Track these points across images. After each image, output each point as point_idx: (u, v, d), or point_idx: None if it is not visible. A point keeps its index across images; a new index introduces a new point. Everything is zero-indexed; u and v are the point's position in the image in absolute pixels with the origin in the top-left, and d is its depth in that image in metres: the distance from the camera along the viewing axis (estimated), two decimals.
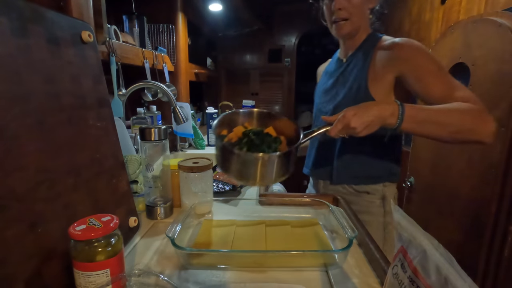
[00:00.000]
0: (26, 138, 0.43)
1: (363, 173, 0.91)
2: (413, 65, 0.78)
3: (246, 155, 0.55)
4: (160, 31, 1.76)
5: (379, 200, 0.92)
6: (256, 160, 0.54)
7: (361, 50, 0.92)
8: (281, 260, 0.57)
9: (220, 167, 0.60)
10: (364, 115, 0.66)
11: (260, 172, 0.55)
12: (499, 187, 1.01)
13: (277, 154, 0.55)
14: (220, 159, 0.59)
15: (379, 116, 0.67)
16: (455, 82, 0.76)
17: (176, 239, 0.55)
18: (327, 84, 1.00)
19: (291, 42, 3.13)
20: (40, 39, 0.47)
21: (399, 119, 0.68)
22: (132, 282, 0.44)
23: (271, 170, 0.56)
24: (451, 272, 0.27)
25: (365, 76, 0.86)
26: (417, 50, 0.79)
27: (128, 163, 0.76)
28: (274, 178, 0.57)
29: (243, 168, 0.56)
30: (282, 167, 0.57)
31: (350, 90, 0.89)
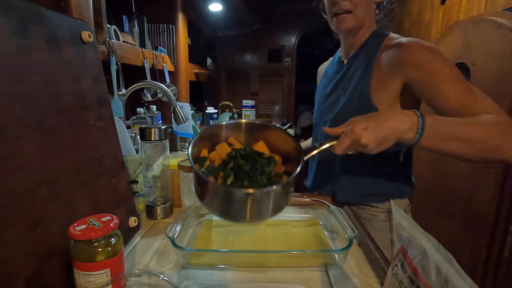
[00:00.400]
0: (26, 138, 0.43)
1: (369, 192, 0.82)
2: (425, 71, 0.67)
3: (232, 190, 0.42)
4: (160, 31, 1.76)
5: (384, 214, 0.81)
6: (247, 197, 0.41)
7: (363, 50, 0.82)
8: (281, 260, 0.57)
9: (199, 200, 0.46)
10: (377, 129, 0.54)
11: (251, 210, 0.43)
12: (499, 187, 1.01)
13: (273, 188, 0.42)
14: (198, 191, 0.45)
15: (395, 130, 0.55)
16: (475, 89, 0.66)
17: (176, 239, 0.55)
18: (326, 88, 0.91)
19: (291, 42, 3.13)
20: (40, 39, 0.47)
21: (418, 133, 0.56)
22: (132, 282, 0.44)
23: (266, 206, 0.43)
24: (451, 272, 0.27)
25: (367, 83, 0.77)
26: (429, 52, 0.68)
27: (128, 163, 0.76)
28: (270, 214, 0.44)
29: (229, 206, 0.43)
30: (280, 200, 0.44)
31: (351, 98, 0.80)
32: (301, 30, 3.08)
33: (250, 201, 0.42)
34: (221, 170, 0.46)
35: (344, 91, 0.83)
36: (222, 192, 0.43)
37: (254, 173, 0.45)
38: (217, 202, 0.44)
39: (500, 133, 0.59)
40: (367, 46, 0.82)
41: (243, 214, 0.43)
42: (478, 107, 0.63)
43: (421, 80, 0.68)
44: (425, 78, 0.68)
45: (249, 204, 0.42)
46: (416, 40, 0.72)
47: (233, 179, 0.45)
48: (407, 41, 0.72)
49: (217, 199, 0.44)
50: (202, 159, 0.48)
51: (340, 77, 0.87)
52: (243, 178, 0.45)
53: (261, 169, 0.46)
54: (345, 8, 0.77)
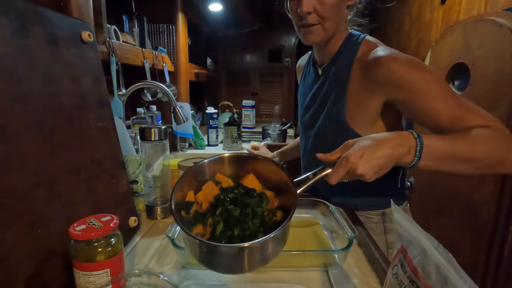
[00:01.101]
0: (26, 138, 0.43)
1: (361, 202, 0.80)
2: (408, 91, 0.62)
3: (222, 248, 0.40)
4: (160, 31, 1.76)
5: (378, 216, 0.79)
6: (241, 252, 0.39)
7: (338, 61, 0.75)
8: (281, 260, 0.57)
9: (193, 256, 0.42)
10: (373, 157, 0.50)
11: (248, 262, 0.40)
12: (499, 187, 1.01)
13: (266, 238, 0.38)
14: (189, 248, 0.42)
15: (392, 157, 0.52)
16: (466, 102, 0.61)
17: (176, 239, 0.55)
18: (306, 98, 0.87)
19: (291, 42, 3.13)
20: (40, 39, 0.47)
21: (416, 156, 0.53)
22: (132, 282, 0.44)
23: (263, 255, 0.41)
24: (451, 272, 0.27)
25: (343, 105, 0.72)
26: (410, 69, 0.62)
27: (128, 163, 0.76)
28: (269, 259, 0.42)
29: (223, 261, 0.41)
30: (277, 245, 0.42)
31: (329, 116, 0.76)
32: None
33: (246, 254, 0.39)
34: (209, 216, 0.44)
35: (322, 106, 0.79)
36: (213, 249, 0.39)
37: (244, 218, 0.43)
38: (210, 258, 0.41)
39: (499, 148, 0.56)
40: (341, 56, 0.75)
41: (240, 266, 0.41)
42: (471, 121, 0.59)
43: (405, 101, 0.64)
44: (409, 98, 0.63)
45: (246, 256, 0.40)
46: (394, 54, 0.64)
47: (223, 227, 0.42)
48: (385, 55, 0.64)
49: (208, 256, 0.40)
50: (188, 204, 0.45)
51: (317, 89, 0.82)
52: (233, 225, 0.42)
53: (252, 212, 0.44)
54: (311, 22, 0.70)
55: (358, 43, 0.73)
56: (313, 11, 0.68)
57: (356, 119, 0.71)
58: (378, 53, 0.66)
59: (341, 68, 0.74)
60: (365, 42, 0.73)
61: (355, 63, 0.71)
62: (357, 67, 0.71)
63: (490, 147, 0.55)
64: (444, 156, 0.55)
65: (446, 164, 0.56)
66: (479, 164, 0.56)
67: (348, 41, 0.75)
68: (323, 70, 0.80)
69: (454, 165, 0.56)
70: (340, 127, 0.73)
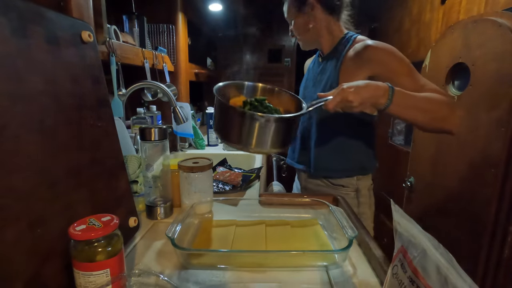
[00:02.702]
0: (26, 138, 0.43)
1: (337, 166, 1.00)
2: (386, 68, 0.85)
3: (248, 113, 0.54)
4: (160, 31, 1.76)
5: (354, 192, 1.01)
6: (257, 120, 0.54)
7: (335, 52, 1.00)
8: (281, 260, 0.57)
9: (216, 128, 0.62)
10: (361, 91, 0.72)
11: (258, 134, 0.55)
12: (499, 187, 1.01)
13: (277, 116, 0.55)
14: (218, 119, 0.60)
15: (373, 94, 0.73)
16: (423, 79, 0.86)
17: (176, 239, 0.55)
18: (308, 81, 1.10)
19: (291, 42, 3.13)
20: (40, 39, 0.47)
21: (389, 99, 0.74)
22: (132, 282, 0.44)
23: (269, 134, 0.55)
24: (451, 272, 0.27)
25: (336, 76, 0.94)
26: (390, 53, 0.86)
27: (128, 163, 0.76)
28: (269, 145, 0.57)
29: (241, 129, 0.55)
30: (280, 134, 0.57)
31: (324, 90, 0.96)
32: None
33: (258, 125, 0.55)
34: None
35: (319, 83, 1.02)
36: (239, 115, 0.54)
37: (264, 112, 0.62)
38: (234, 126, 0.55)
39: (445, 107, 0.79)
40: (337, 48, 1.00)
41: (251, 137, 0.55)
42: (428, 90, 0.82)
43: (383, 75, 0.85)
44: (386, 73, 0.85)
45: (257, 127, 0.54)
46: (379, 42, 0.89)
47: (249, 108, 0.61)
48: (372, 43, 0.88)
49: (234, 123, 0.55)
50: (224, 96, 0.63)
51: (318, 73, 1.06)
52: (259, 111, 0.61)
53: (269, 111, 0.64)
54: (295, 37, 1.06)
55: (352, 39, 0.97)
56: (292, 30, 1.05)
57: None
58: (368, 41, 0.90)
59: (338, 55, 0.98)
60: (358, 38, 0.96)
61: (349, 50, 0.94)
62: (350, 52, 0.93)
63: (439, 105, 0.79)
64: (408, 104, 0.77)
65: (409, 112, 0.78)
66: (431, 116, 0.79)
67: (343, 38, 1.00)
68: (323, 58, 1.05)
69: (415, 113, 0.78)
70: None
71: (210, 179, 0.79)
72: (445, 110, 0.80)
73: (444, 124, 0.82)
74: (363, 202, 1.01)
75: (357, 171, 1.00)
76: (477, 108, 1.10)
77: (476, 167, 1.10)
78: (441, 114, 0.80)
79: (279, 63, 3.19)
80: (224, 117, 0.57)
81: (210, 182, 0.79)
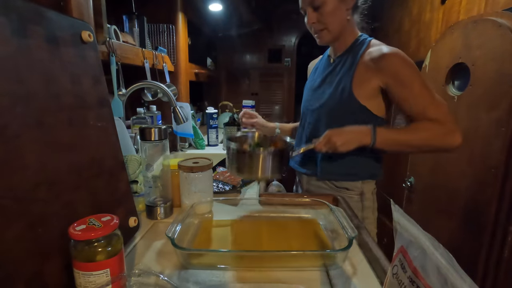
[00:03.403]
0: (26, 138, 0.43)
1: (345, 170, 0.96)
2: (398, 80, 0.84)
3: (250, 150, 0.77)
4: (160, 31, 1.76)
5: (358, 195, 0.97)
6: (258, 154, 0.74)
7: (348, 53, 0.95)
8: (282, 260, 0.57)
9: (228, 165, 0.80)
10: (343, 134, 0.82)
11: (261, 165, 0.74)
12: (499, 187, 1.01)
13: (273, 149, 0.76)
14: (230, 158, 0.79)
15: (356, 137, 0.83)
16: (433, 99, 0.83)
17: (176, 239, 0.55)
18: (315, 82, 1.05)
19: (291, 42, 3.13)
20: (40, 39, 0.47)
21: (372, 140, 0.82)
22: (132, 282, 0.44)
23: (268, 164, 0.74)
24: (451, 272, 0.27)
25: (350, 79, 0.90)
26: (404, 65, 0.83)
27: (128, 163, 0.76)
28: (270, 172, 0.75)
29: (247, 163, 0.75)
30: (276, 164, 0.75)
31: (335, 91, 0.93)
32: (301, 30, 3.07)
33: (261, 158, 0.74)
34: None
35: (330, 84, 0.97)
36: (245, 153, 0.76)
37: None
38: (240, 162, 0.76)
39: (437, 138, 0.82)
40: (351, 50, 0.95)
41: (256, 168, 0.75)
42: (429, 114, 0.82)
43: (394, 86, 0.85)
44: (396, 86, 0.85)
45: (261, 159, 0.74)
46: (395, 51, 0.85)
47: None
48: (388, 51, 0.85)
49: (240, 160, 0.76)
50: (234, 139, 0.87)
51: (328, 73, 1.00)
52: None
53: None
54: (317, 28, 0.92)
55: (366, 42, 0.93)
56: (316, 21, 0.91)
57: (360, 92, 0.89)
58: (384, 49, 0.87)
59: (352, 57, 0.93)
60: (372, 42, 0.93)
61: (363, 54, 0.91)
62: (365, 56, 0.90)
63: (429, 138, 0.83)
64: (393, 142, 0.85)
65: (394, 147, 0.86)
66: (420, 149, 0.88)
67: (358, 40, 0.95)
68: (335, 59, 0.99)
69: (401, 148, 0.87)
70: (345, 98, 0.91)
71: (210, 179, 0.79)
72: (436, 141, 0.82)
73: (437, 150, 0.88)
74: (367, 206, 0.98)
75: (365, 176, 0.97)
76: (477, 108, 1.10)
77: (476, 167, 1.10)
78: (432, 145, 0.83)
79: (279, 63, 3.19)
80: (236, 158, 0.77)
81: (210, 182, 0.79)
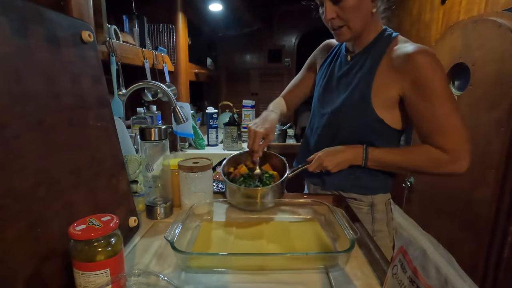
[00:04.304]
0: (26, 138, 0.43)
1: (355, 183, 0.87)
2: (420, 91, 0.72)
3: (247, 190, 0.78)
4: (160, 31, 1.76)
5: (367, 207, 0.88)
6: (256, 191, 0.78)
7: (369, 51, 0.83)
8: (282, 262, 0.57)
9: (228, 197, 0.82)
10: (334, 157, 0.81)
11: (260, 200, 0.77)
12: (499, 187, 1.01)
13: (269, 187, 0.78)
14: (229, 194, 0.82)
15: (346, 159, 0.82)
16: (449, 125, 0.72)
17: (176, 241, 0.55)
18: (329, 80, 0.93)
19: (291, 42, 3.13)
20: (40, 39, 0.47)
21: (364, 161, 0.81)
22: (132, 282, 0.44)
23: (267, 198, 0.78)
24: (451, 272, 0.27)
25: (369, 85, 0.79)
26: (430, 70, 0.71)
27: (128, 163, 0.76)
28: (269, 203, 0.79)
29: (246, 199, 0.78)
30: (274, 195, 0.79)
31: (351, 97, 0.83)
32: (301, 30, 3.08)
33: (259, 194, 0.78)
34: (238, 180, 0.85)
35: (345, 87, 0.86)
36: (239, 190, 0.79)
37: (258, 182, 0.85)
38: (238, 197, 0.80)
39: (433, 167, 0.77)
40: (373, 48, 0.82)
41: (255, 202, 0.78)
42: (436, 140, 0.74)
43: (411, 97, 0.75)
44: (415, 96, 0.74)
45: (258, 195, 0.77)
46: (423, 50, 0.72)
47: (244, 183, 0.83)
48: (414, 50, 0.72)
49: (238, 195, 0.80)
50: (229, 173, 0.87)
51: (343, 73, 0.88)
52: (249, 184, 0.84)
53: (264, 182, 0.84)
54: (336, 25, 0.79)
55: (391, 38, 0.81)
56: (336, 16, 0.77)
57: (378, 102, 0.80)
58: (410, 48, 0.74)
59: (372, 57, 0.81)
60: (398, 39, 0.81)
61: (386, 54, 0.79)
62: (388, 57, 0.79)
63: (422, 165, 0.78)
64: (384, 164, 0.82)
65: (387, 168, 0.83)
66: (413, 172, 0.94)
67: (382, 35, 0.83)
68: (353, 57, 0.87)
69: (393, 169, 0.84)
70: (363, 107, 0.81)
71: (210, 179, 0.79)
72: (430, 168, 0.77)
73: (437, 175, 0.79)
74: (379, 218, 0.87)
75: (376, 190, 0.88)
76: (477, 108, 1.10)
77: (476, 167, 1.10)
78: (427, 171, 0.79)
79: (279, 63, 3.19)
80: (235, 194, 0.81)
81: (210, 182, 0.79)
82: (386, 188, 0.90)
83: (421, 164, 0.78)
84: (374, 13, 0.79)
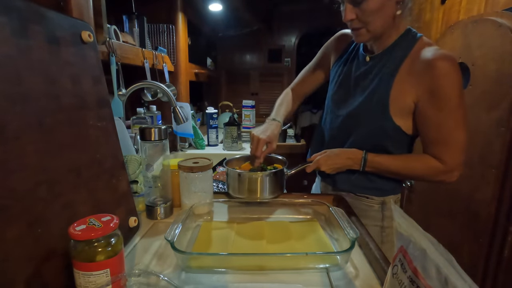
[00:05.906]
0: (26, 138, 0.43)
1: (366, 184, 0.88)
2: (434, 100, 0.72)
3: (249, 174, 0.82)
4: (160, 31, 1.76)
5: (378, 205, 0.89)
6: (257, 176, 0.80)
7: (390, 53, 0.79)
8: (282, 262, 0.57)
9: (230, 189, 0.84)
10: (332, 162, 0.83)
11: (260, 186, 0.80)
12: (499, 187, 1.01)
13: (270, 171, 0.82)
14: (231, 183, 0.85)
15: (344, 164, 0.83)
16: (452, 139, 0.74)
17: (176, 241, 0.55)
18: (345, 80, 0.90)
19: (291, 42, 3.13)
20: (40, 39, 0.47)
21: (361, 166, 0.82)
22: (132, 282, 0.44)
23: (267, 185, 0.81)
24: (451, 272, 0.27)
25: (388, 91, 0.77)
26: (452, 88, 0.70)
27: (128, 163, 0.76)
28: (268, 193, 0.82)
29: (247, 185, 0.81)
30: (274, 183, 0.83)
31: (368, 101, 0.81)
32: (301, 30, 3.08)
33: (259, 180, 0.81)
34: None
35: (362, 90, 0.83)
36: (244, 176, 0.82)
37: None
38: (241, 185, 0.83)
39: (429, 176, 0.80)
40: (394, 50, 0.79)
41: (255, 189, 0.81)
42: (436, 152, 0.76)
43: (424, 105, 0.74)
44: (427, 105, 0.73)
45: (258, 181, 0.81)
46: (443, 59, 0.70)
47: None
48: (435, 57, 0.71)
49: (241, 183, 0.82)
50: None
51: (361, 74, 0.85)
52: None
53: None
54: (355, 26, 0.77)
55: (415, 39, 0.78)
56: (355, 17, 0.75)
57: (395, 111, 0.78)
58: (430, 53, 0.72)
59: (393, 60, 0.78)
60: (421, 41, 0.78)
61: (408, 57, 0.76)
62: (409, 61, 0.76)
63: (418, 173, 0.81)
64: (382, 170, 0.83)
65: (382, 172, 0.84)
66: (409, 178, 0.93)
67: (404, 37, 0.79)
68: (371, 58, 0.84)
69: (390, 175, 0.84)
70: (380, 115, 0.79)
71: (210, 179, 0.79)
72: (426, 177, 0.82)
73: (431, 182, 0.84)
74: (389, 216, 0.88)
75: (387, 192, 0.89)
76: (477, 108, 1.10)
77: (476, 167, 1.10)
78: (424, 179, 0.85)
79: (279, 63, 3.19)
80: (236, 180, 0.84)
81: (210, 182, 0.79)
82: (397, 190, 0.91)
83: (420, 172, 0.81)
84: (397, 15, 0.76)
